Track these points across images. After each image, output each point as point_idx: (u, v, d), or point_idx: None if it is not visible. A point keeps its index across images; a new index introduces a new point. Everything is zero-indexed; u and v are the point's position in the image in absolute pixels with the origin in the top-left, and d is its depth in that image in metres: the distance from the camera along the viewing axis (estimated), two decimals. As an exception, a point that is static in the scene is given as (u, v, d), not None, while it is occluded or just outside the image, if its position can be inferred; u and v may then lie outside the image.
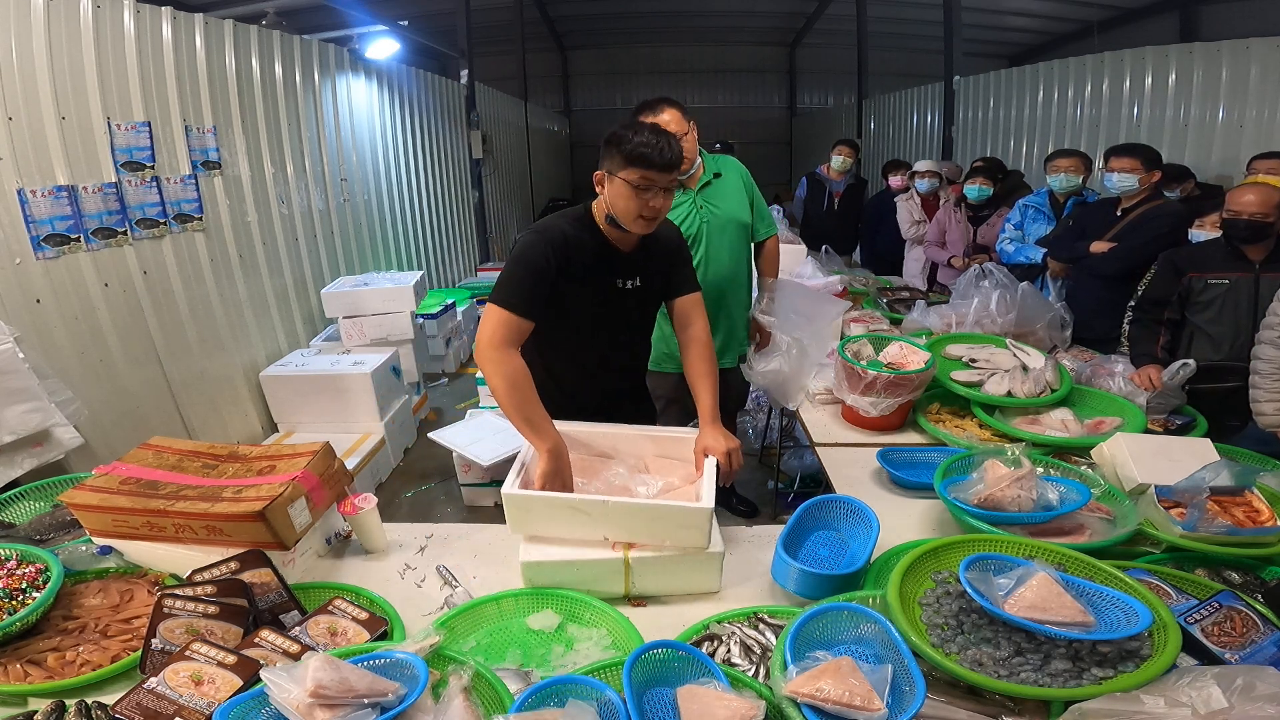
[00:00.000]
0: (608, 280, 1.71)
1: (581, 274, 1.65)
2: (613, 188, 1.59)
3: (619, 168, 1.56)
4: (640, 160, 1.53)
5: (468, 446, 3.24)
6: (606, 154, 1.59)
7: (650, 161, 1.53)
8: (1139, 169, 2.85)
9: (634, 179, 1.55)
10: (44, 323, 2.52)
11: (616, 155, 1.56)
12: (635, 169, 1.54)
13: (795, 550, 1.48)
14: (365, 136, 5.15)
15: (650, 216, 1.59)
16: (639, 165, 1.54)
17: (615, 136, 1.57)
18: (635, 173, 1.54)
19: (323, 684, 0.94)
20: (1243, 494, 1.53)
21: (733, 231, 2.52)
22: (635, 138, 1.53)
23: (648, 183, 1.55)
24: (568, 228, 1.65)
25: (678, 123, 2.27)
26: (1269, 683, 0.93)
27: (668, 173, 1.55)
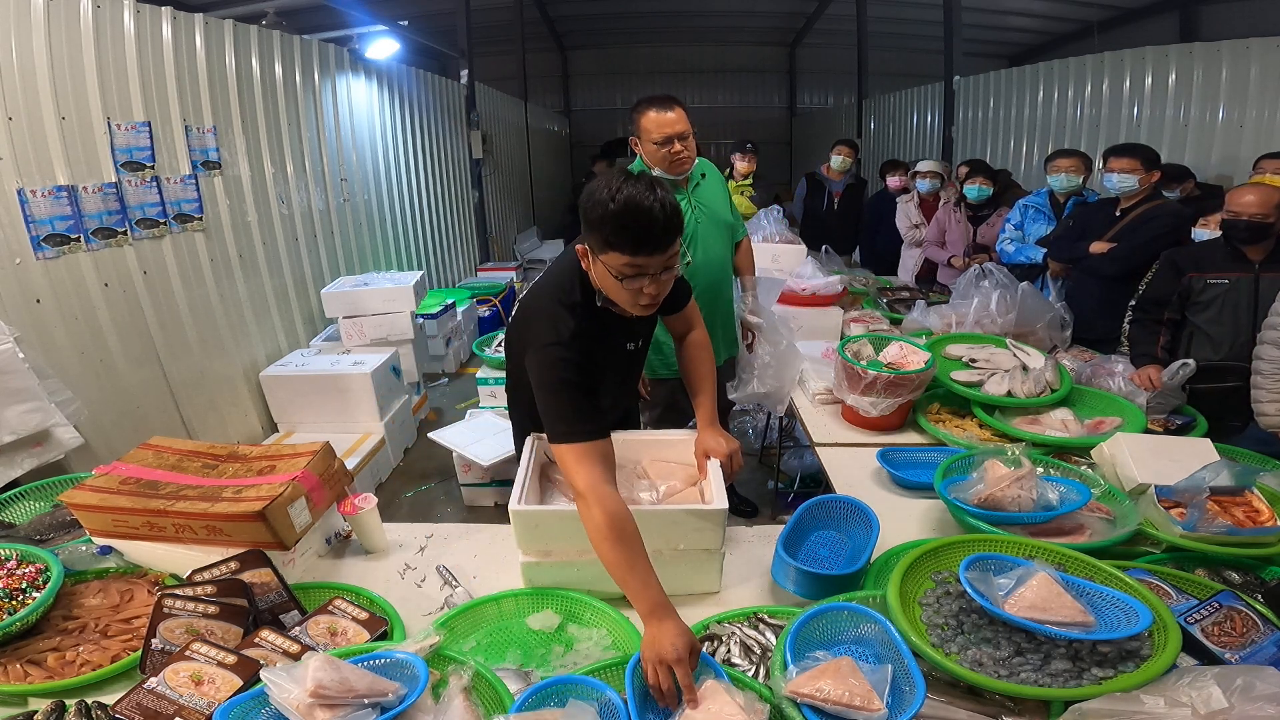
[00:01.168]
0: (620, 346, 1.54)
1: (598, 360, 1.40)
2: (597, 269, 1.28)
3: (599, 248, 1.22)
4: (624, 245, 1.18)
5: (468, 446, 3.24)
6: (584, 224, 1.24)
7: (637, 244, 1.18)
8: (1138, 169, 2.85)
9: (619, 267, 1.20)
10: (44, 323, 2.52)
11: (594, 233, 1.21)
12: (618, 254, 1.19)
13: (795, 550, 1.49)
14: (365, 136, 5.15)
15: (647, 304, 1.29)
16: (623, 250, 1.18)
17: (589, 203, 1.20)
18: (619, 259, 1.19)
19: (323, 684, 0.94)
20: (1243, 494, 1.53)
21: (721, 230, 2.51)
22: (612, 206, 1.16)
23: (636, 271, 1.21)
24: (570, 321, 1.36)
25: (685, 123, 2.25)
26: (1269, 683, 0.93)
27: (661, 253, 1.21)
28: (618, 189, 1.17)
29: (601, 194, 1.18)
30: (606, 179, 1.22)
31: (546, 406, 1.33)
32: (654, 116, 2.22)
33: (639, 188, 1.17)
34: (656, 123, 2.21)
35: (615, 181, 1.18)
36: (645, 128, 2.24)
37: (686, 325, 1.72)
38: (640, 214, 1.15)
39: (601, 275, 1.28)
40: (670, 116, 2.21)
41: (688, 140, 2.25)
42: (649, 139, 2.23)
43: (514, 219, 9.49)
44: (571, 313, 1.37)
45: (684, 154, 2.25)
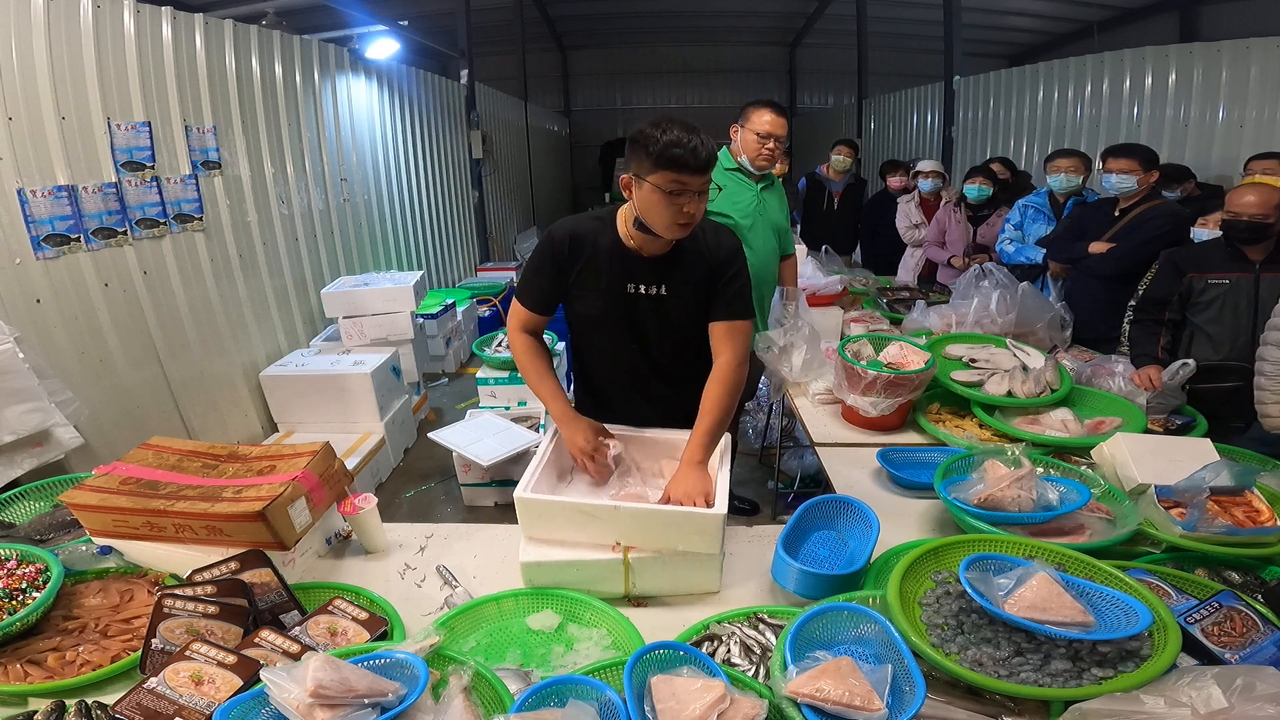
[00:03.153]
0: (619, 284, 1.62)
1: (590, 274, 1.60)
2: (641, 193, 1.47)
3: (648, 171, 1.43)
4: (671, 163, 1.40)
5: (468, 446, 3.24)
6: (632, 155, 1.46)
7: (683, 163, 1.40)
8: (1137, 169, 2.85)
9: (664, 183, 1.41)
10: (44, 323, 2.52)
11: (644, 157, 1.43)
12: (666, 172, 1.41)
13: (795, 550, 1.48)
14: (365, 136, 5.15)
15: (685, 223, 1.48)
16: (670, 168, 1.40)
17: (642, 136, 1.44)
18: (666, 176, 1.41)
19: (323, 684, 0.94)
20: (1243, 494, 1.53)
21: (772, 233, 2.72)
22: (664, 136, 1.40)
23: (680, 187, 1.42)
24: (582, 225, 1.61)
25: (784, 130, 2.55)
26: (1269, 683, 0.93)
27: (702, 174, 1.43)
28: (668, 125, 1.42)
29: (653, 129, 1.42)
30: (654, 120, 1.45)
31: (525, 266, 1.68)
32: (765, 113, 2.55)
33: (685, 125, 1.43)
34: (764, 119, 2.54)
35: (664, 123, 1.43)
36: (753, 119, 2.56)
37: (723, 345, 1.63)
38: (687, 141, 1.40)
39: (647, 195, 1.46)
40: (778, 119, 2.55)
41: (780, 144, 2.57)
42: (752, 129, 2.56)
43: (514, 219, 9.49)
44: (590, 221, 1.62)
45: (774, 153, 2.59)
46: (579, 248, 1.59)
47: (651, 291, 1.63)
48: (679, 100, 13.84)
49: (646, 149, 1.42)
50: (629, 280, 1.62)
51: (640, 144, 1.43)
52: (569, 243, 1.59)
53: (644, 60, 13.36)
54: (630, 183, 1.49)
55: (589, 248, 1.59)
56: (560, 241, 1.59)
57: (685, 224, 1.48)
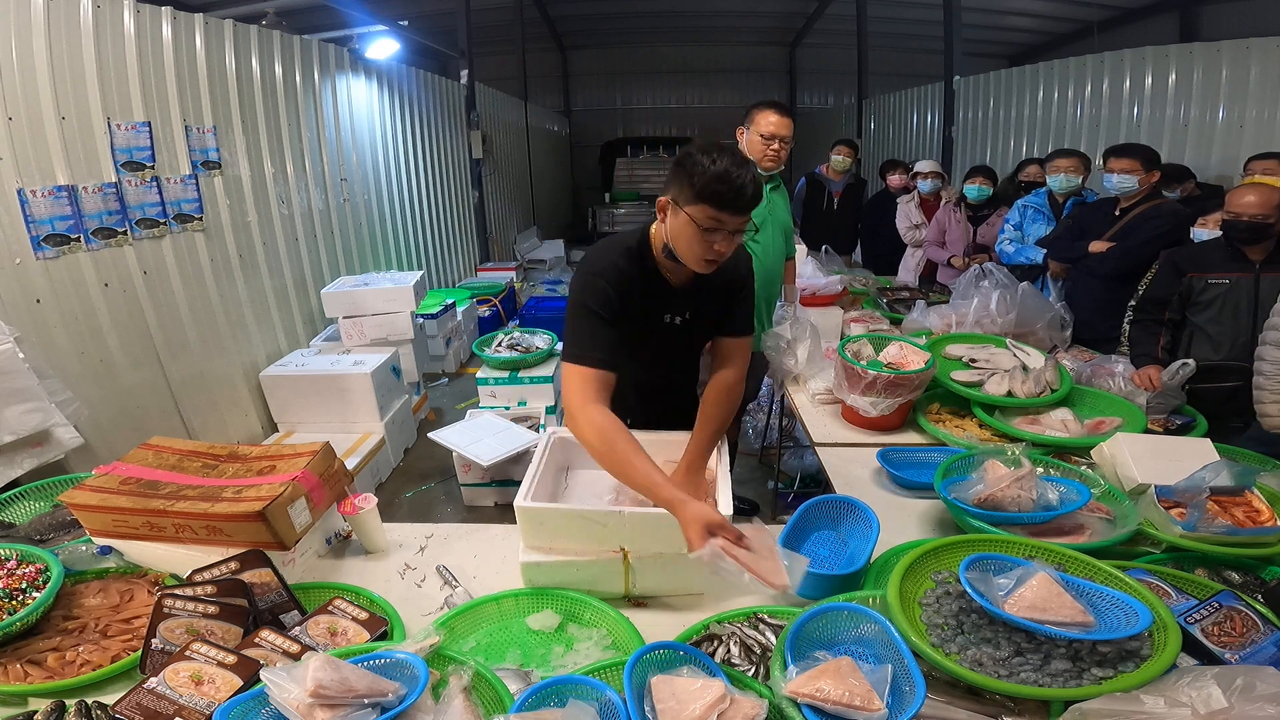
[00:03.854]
0: (655, 315, 1.57)
1: (631, 310, 1.50)
2: (676, 220, 1.39)
3: (687, 201, 1.35)
4: (714, 198, 1.31)
5: (468, 446, 3.24)
6: (675, 179, 1.37)
7: (725, 202, 1.32)
8: (1138, 170, 2.85)
9: (702, 218, 1.34)
10: (44, 323, 2.52)
11: (686, 185, 1.34)
12: (706, 206, 1.33)
13: (795, 550, 1.48)
14: (365, 136, 5.15)
15: (712, 260, 1.40)
16: (711, 203, 1.32)
17: (689, 161, 1.34)
18: (705, 211, 1.33)
19: (323, 684, 0.94)
20: (1243, 494, 1.53)
21: (779, 233, 2.75)
22: (712, 168, 1.30)
23: (716, 224, 1.34)
24: (620, 261, 1.49)
25: (789, 131, 2.55)
26: (1269, 683, 0.93)
27: (742, 215, 1.35)
28: (719, 156, 1.33)
29: (704, 157, 1.33)
30: (704, 145, 1.36)
31: (571, 327, 1.47)
32: (769, 115, 2.55)
33: (736, 157, 1.34)
34: (769, 120, 2.54)
35: (716, 151, 1.34)
36: (758, 121, 2.56)
37: (728, 360, 1.64)
38: (734, 177, 1.31)
39: (681, 226, 1.38)
40: (783, 120, 2.55)
41: (786, 145, 2.58)
42: (757, 130, 2.56)
43: (514, 219, 9.49)
44: (625, 256, 1.50)
45: (779, 154, 2.59)
46: (622, 283, 1.47)
47: (678, 320, 1.60)
48: (679, 100, 13.84)
49: (691, 177, 1.33)
50: (664, 311, 1.58)
51: (685, 170, 1.34)
52: (616, 280, 1.46)
53: (644, 60, 13.35)
54: (666, 206, 1.41)
55: (629, 282, 1.49)
56: (610, 281, 1.46)
57: (713, 261, 1.41)
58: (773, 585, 1.14)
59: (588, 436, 1.36)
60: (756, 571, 1.13)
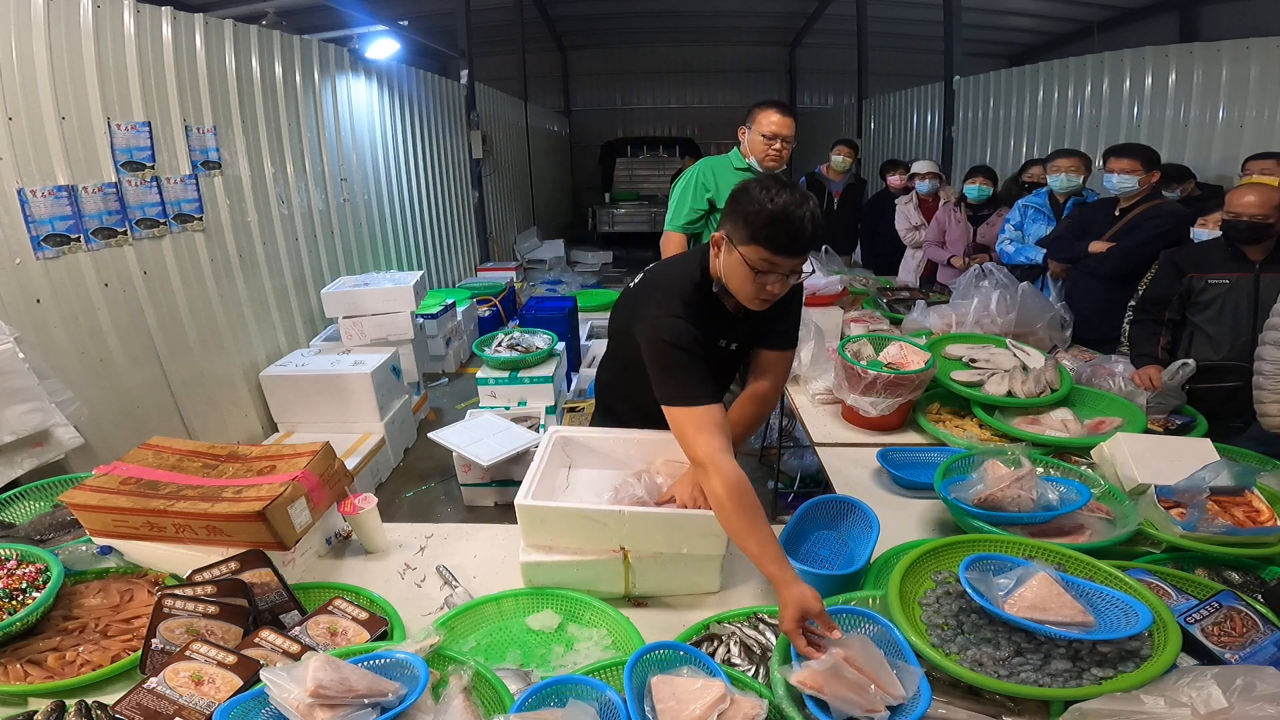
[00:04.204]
0: (715, 339, 1.52)
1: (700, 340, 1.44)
2: (730, 259, 1.34)
3: (741, 240, 1.29)
4: (770, 241, 1.26)
5: (468, 446, 3.24)
6: (730, 214, 1.33)
7: (781, 246, 1.26)
8: (1139, 170, 2.85)
9: (755, 260, 1.29)
10: (44, 323, 2.52)
11: (741, 223, 1.29)
12: (759, 248, 1.27)
13: (795, 550, 1.49)
14: (365, 136, 5.15)
15: (765, 299, 1.36)
16: (766, 246, 1.27)
17: (746, 197, 1.28)
18: (758, 252, 1.28)
19: (323, 684, 0.94)
20: (1243, 494, 1.53)
21: None
22: (769, 206, 1.24)
23: (770, 267, 1.29)
24: (691, 297, 1.44)
25: (791, 130, 2.56)
26: (1269, 683, 0.93)
27: (797, 258, 1.30)
28: (777, 192, 1.26)
29: (761, 193, 1.27)
30: (763, 181, 1.31)
31: (664, 370, 1.37)
32: (771, 114, 2.55)
33: (796, 197, 1.27)
34: (771, 120, 2.55)
35: (774, 186, 1.28)
36: (760, 120, 2.56)
37: (768, 372, 1.61)
38: (793, 220, 1.25)
39: (734, 265, 1.34)
40: (784, 119, 2.56)
41: (788, 144, 2.59)
42: (759, 130, 2.56)
43: (514, 219, 9.49)
44: (694, 291, 1.45)
45: (781, 153, 2.61)
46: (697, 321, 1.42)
47: (733, 347, 1.57)
48: (679, 100, 13.85)
49: (746, 215, 1.28)
50: (722, 336, 1.54)
51: (741, 206, 1.29)
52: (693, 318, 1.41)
53: (644, 60, 13.36)
54: (720, 242, 1.36)
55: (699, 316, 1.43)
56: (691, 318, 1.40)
57: (766, 301, 1.36)
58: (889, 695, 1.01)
59: (717, 488, 1.24)
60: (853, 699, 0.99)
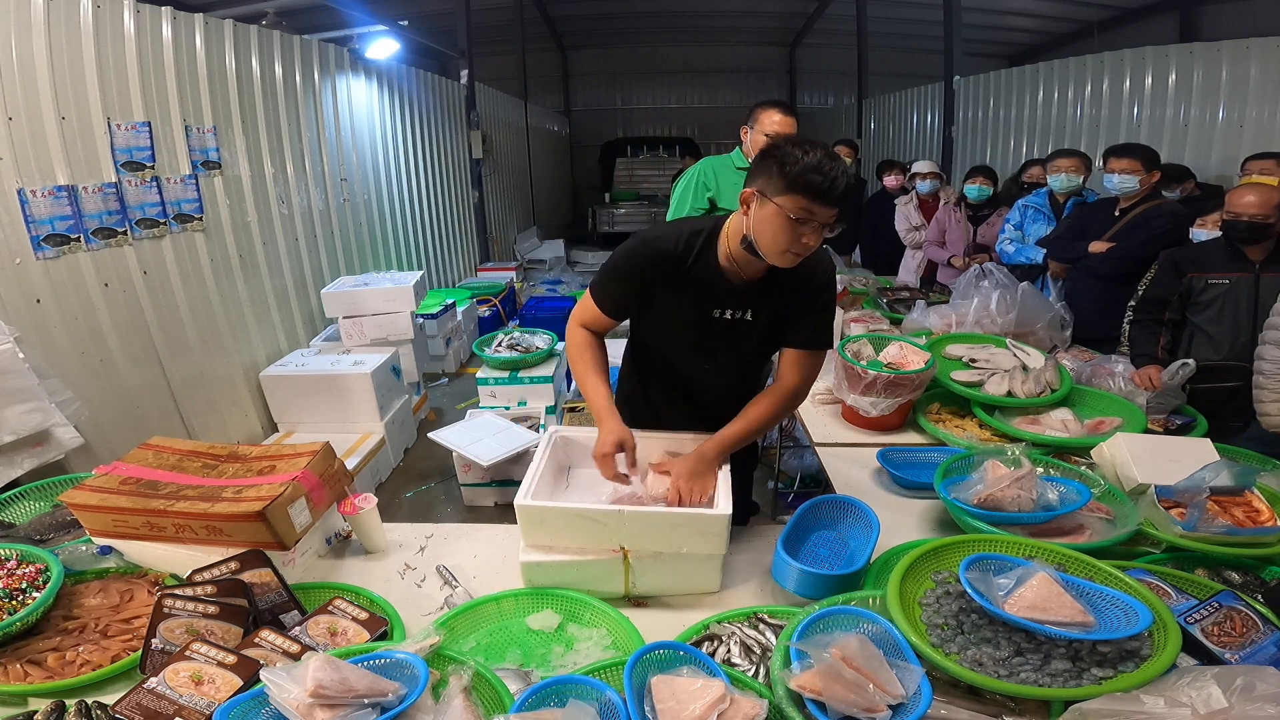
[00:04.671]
0: (704, 308, 1.54)
1: (673, 293, 1.51)
2: (763, 212, 1.35)
3: (777, 191, 1.32)
4: (807, 188, 1.29)
5: (468, 446, 3.24)
6: (762, 170, 1.35)
7: (819, 192, 1.29)
8: (1139, 170, 2.85)
9: (793, 208, 1.31)
10: (44, 323, 2.52)
11: (777, 176, 1.31)
12: (798, 196, 1.30)
13: (795, 550, 1.48)
14: (365, 136, 5.15)
15: (798, 253, 1.37)
16: (804, 193, 1.29)
17: (779, 153, 1.32)
18: (797, 201, 1.30)
19: (323, 684, 0.94)
20: (1243, 494, 1.53)
21: None
22: (805, 158, 1.29)
23: (808, 215, 1.31)
24: (676, 243, 1.49)
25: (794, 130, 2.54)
26: (1269, 683, 0.93)
27: (833, 207, 1.33)
28: (810, 147, 1.32)
29: (794, 148, 1.32)
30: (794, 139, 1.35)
31: (604, 264, 1.58)
32: (774, 114, 2.55)
33: (830, 152, 1.33)
34: (773, 120, 2.54)
35: (805, 143, 1.33)
36: (762, 120, 2.56)
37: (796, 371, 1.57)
38: (828, 170, 1.30)
39: (768, 216, 1.35)
40: (786, 119, 2.55)
41: None
42: (761, 130, 2.55)
43: (514, 219, 9.49)
44: (688, 238, 1.50)
45: None
46: (671, 267, 1.49)
47: (735, 316, 1.55)
48: (679, 100, 13.85)
49: (783, 167, 1.30)
50: (716, 306, 1.54)
51: (776, 160, 1.32)
52: (662, 260, 1.48)
53: (644, 60, 13.35)
54: (751, 198, 1.37)
55: (681, 268, 1.49)
56: (652, 257, 1.49)
57: (798, 254, 1.38)
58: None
59: (571, 344, 1.62)
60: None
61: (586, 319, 1.63)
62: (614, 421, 1.50)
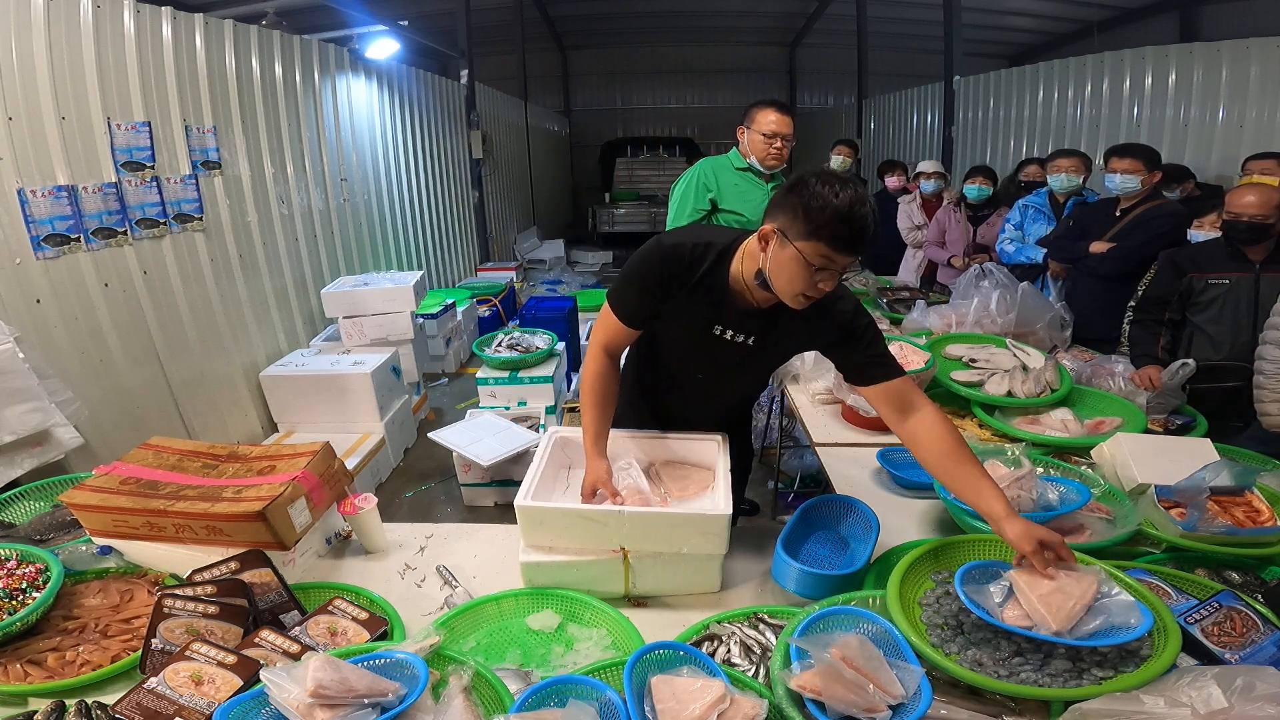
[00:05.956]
0: (705, 322, 1.49)
1: (683, 303, 1.46)
2: (782, 254, 1.27)
3: (799, 236, 1.23)
4: (833, 239, 1.21)
5: (468, 446, 3.24)
6: (786, 209, 1.26)
7: (843, 243, 1.22)
8: (1140, 170, 2.85)
9: (813, 256, 1.23)
10: (44, 323, 2.52)
11: (800, 219, 1.23)
12: (820, 245, 1.22)
13: (795, 550, 1.49)
14: (365, 136, 5.15)
15: (813, 297, 1.31)
16: (828, 243, 1.22)
17: (807, 191, 1.22)
18: (818, 249, 1.23)
19: (323, 684, 0.94)
20: (1243, 494, 1.53)
21: None
22: (834, 201, 1.19)
23: (828, 264, 1.24)
24: (692, 250, 1.43)
25: (790, 129, 2.56)
26: (1269, 683, 0.93)
27: (854, 255, 1.27)
28: (841, 188, 1.21)
29: (823, 188, 1.21)
30: (823, 174, 1.25)
31: (620, 273, 1.52)
32: (770, 113, 2.55)
33: (859, 193, 1.22)
34: (769, 119, 2.55)
35: (836, 181, 1.23)
36: (758, 119, 2.57)
37: (907, 401, 1.41)
38: (857, 219, 1.21)
39: (787, 260, 1.27)
40: (783, 118, 2.56)
41: (788, 143, 2.60)
42: (758, 130, 2.56)
43: (514, 219, 9.49)
44: (703, 251, 1.43)
45: (781, 152, 2.62)
46: (684, 273, 1.43)
47: (738, 339, 1.49)
48: (679, 100, 13.85)
49: (808, 212, 1.22)
50: (717, 322, 1.48)
51: (802, 202, 1.22)
52: (676, 264, 1.42)
53: (644, 60, 13.35)
54: (771, 236, 1.29)
55: (692, 278, 1.43)
56: (668, 260, 1.42)
57: (811, 299, 1.31)
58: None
59: (587, 370, 1.57)
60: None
61: (608, 336, 1.54)
62: (594, 461, 1.50)
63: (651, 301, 1.47)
